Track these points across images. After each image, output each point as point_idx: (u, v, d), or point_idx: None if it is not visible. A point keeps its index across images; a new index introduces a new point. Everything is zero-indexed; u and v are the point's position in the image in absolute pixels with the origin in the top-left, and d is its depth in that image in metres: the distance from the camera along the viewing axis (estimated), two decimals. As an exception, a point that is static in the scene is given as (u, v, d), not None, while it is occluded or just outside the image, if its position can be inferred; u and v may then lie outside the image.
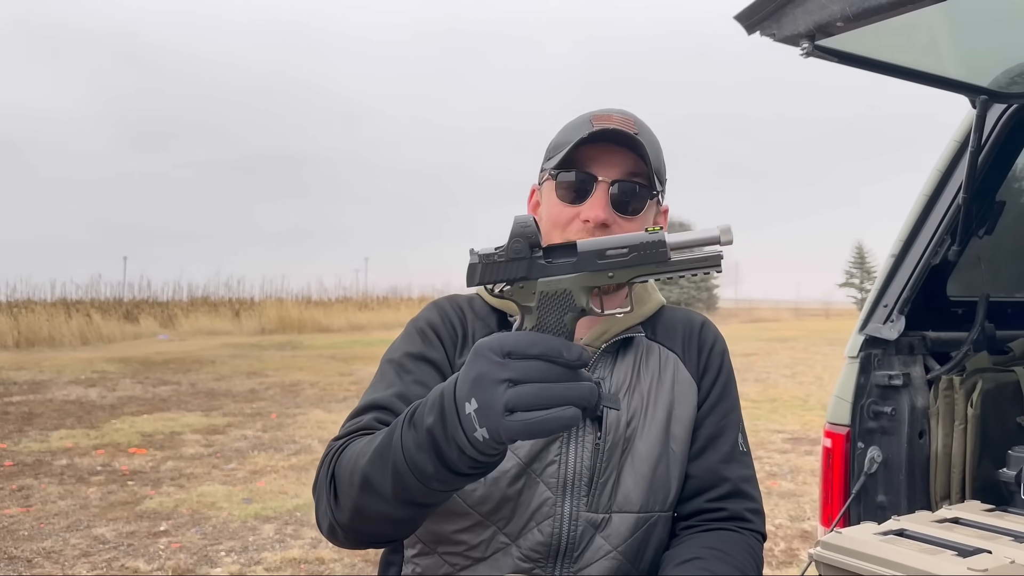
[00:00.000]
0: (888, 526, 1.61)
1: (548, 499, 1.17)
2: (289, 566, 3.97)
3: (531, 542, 1.16)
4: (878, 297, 2.19)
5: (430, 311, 1.29)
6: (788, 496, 5.33)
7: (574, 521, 1.17)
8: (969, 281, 2.44)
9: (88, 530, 4.48)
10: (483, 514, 1.17)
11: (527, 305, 0.87)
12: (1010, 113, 2.19)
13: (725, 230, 0.85)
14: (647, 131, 1.25)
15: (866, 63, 1.77)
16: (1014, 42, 1.84)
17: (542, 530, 1.16)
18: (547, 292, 0.86)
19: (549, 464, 1.18)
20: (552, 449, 1.19)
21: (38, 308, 18.79)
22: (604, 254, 0.87)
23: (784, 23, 1.61)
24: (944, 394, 2.14)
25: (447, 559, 1.19)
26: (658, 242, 0.86)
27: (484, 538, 1.17)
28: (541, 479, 1.18)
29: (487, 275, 0.87)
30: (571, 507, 1.17)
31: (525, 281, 0.87)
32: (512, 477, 1.17)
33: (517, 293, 0.87)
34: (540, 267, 0.87)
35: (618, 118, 1.22)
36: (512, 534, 1.17)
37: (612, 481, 1.18)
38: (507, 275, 0.87)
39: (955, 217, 2.16)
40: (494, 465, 0.88)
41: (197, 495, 5.21)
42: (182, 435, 7.22)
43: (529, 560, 1.16)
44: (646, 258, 0.86)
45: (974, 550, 1.47)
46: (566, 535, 1.16)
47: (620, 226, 1.20)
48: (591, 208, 1.19)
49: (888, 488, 2.12)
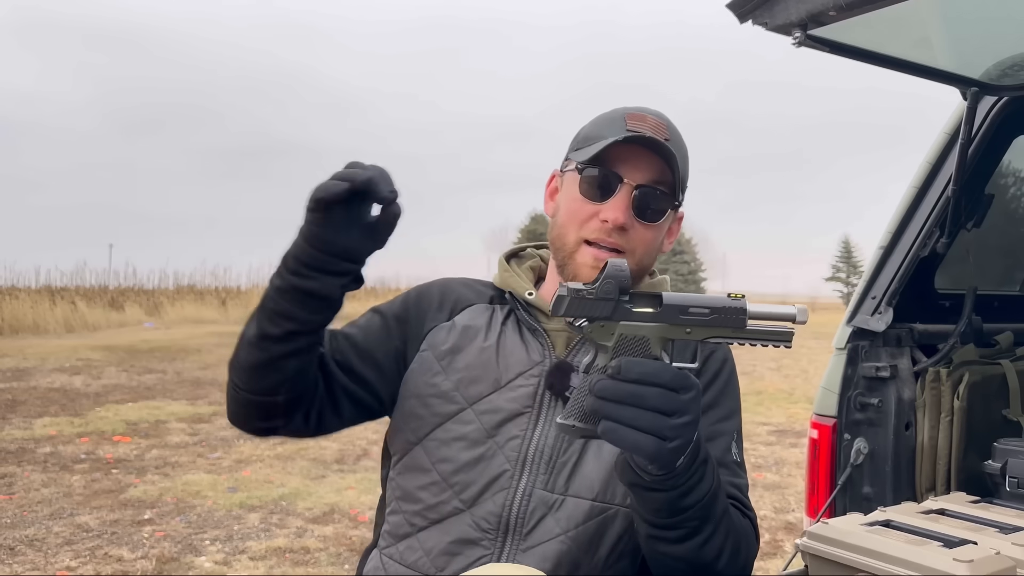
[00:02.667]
0: (874, 517, 1.61)
1: (506, 471, 1.18)
2: (274, 555, 3.96)
3: (483, 511, 1.18)
4: (866, 289, 2.19)
5: (424, 283, 1.36)
6: (773, 488, 5.36)
7: (527, 497, 1.17)
8: (957, 274, 2.44)
9: (71, 518, 4.45)
10: (442, 474, 1.20)
11: (603, 344, 0.93)
12: (1001, 106, 2.19)
13: (802, 311, 0.94)
14: (677, 137, 1.25)
15: (858, 53, 1.77)
16: (1006, 34, 1.84)
17: (495, 501, 1.17)
18: (626, 335, 0.92)
19: (512, 438, 1.20)
20: (519, 422, 1.20)
21: (22, 295, 18.61)
22: (687, 310, 0.93)
23: (776, 12, 1.60)
24: (931, 386, 2.15)
25: (408, 518, 1.22)
26: (739, 309, 0.93)
27: (441, 499, 1.20)
28: (502, 451, 1.19)
29: (573, 308, 0.92)
30: (527, 483, 1.18)
31: (607, 321, 0.92)
32: (472, 442, 1.20)
33: (596, 331, 0.93)
34: (624, 311, 0.93)
35: (652, 121, 1.22)
36: (467, 501, 1.19)
37: (572, 463, 1.18)
38: (592, 312, 0.92)
39: (944, 210, 2.16)
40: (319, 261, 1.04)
41: (182, 484, 5.18)
42: (167, 423, 7.19)
43: (479, 529, 1.17)
44: (725, 321, 0.93)
45: (960, 541, 1.47)
46: (517, 509, 1.17)
47: (636, 231, 1.21)
48: (612, 209, 1.19)
49: (874, 479, 2.13)
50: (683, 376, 0.91)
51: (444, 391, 1.23)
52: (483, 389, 1.22)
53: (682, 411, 0.91)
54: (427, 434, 1.22)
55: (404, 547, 1.22)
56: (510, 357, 1.24)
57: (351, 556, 3.96)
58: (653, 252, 1.26)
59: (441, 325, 1.28)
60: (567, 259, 1.23)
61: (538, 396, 1.21)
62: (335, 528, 4.38)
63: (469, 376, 1.23)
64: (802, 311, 0.94)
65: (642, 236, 1.22)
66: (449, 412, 1.22)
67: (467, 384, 1.22)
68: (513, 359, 1.23)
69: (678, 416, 0.90)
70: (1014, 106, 2.20)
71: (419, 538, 1.21)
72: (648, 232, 1.22)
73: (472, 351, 1.25)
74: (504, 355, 1.24)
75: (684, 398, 0.91)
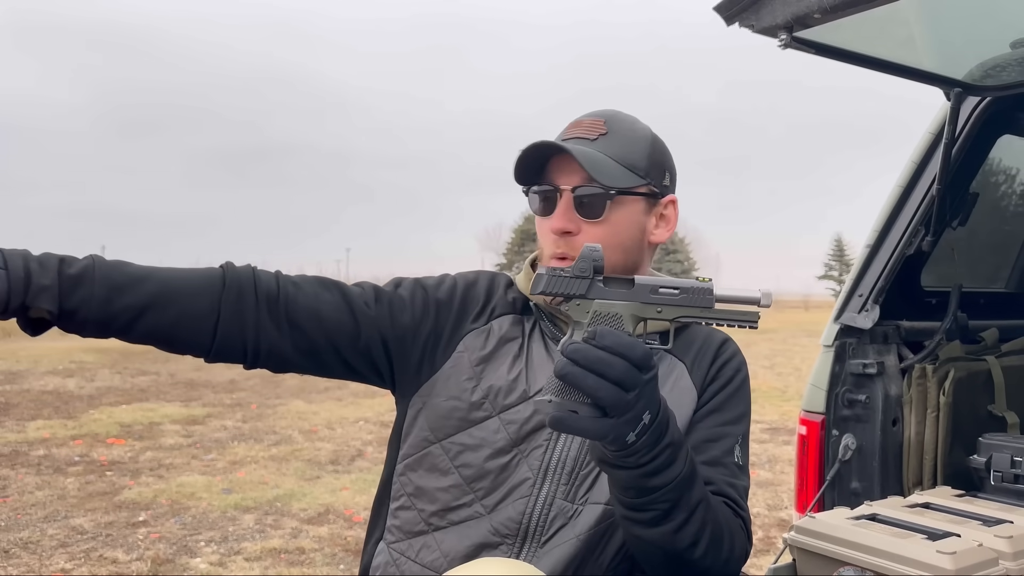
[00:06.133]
0: (861, 511, 1.63)
1: (528, 480, 1.20)
2: (269, 556, 3.97)
3: (502, 516, 1.19)
4: (853, 287, 2.22)
5: (471, 275, 1.35)
6: (766, 485, 5.39)
7: (547, 506, 1.19)
8: (943, 272, 2.47)
9: (66, 521, 4.45)
10: (465, 478, 1.21)
11: (579, 321, 0.98)
12: (984, 106, 2.22)
13: (766, 295, 1.00)
14: (623, 128, 1.25)
15: (843, 55, 1.79)
16: (989, 35, 1.86)
17: (515, 507, 1.19)
18: (600, 312, 0.98)
19: (536, 447, 1.21)
20: (543, 432, 1.22)
21: (14, 298, 18.53)
22: (657, 290, 1.00)
23: (763, 14, 1.62)
24: (917, 382, 2.17)
25: (423, 516, 1.23)
26: (706, 290, 0.99)
27: (463, 502, 1.21)
28: (527, 460, 1.21)
29: (550, 286, 0.99)
30: (548, 492, 1.20)
31: (582, 299, 0.99)
32: (498, 451, 1.21)
33: (573, 309, 0.99)
34: (598, 289, 0.99)
35: (587, 122, 1.25)
36: (489, 506, 1.20)
37: (593, 475, 1.20)
38: (568, 290, 0.99)
39: (929, 208, 2.19)
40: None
41: (176, 485, 5.18)
42: (161, 425, 7.18)
43: (499, 535, 1.19)
44: (693, 301, 0.99)
45: (943, 533, 1.50)
46: (537, 518, 1.19)
47: (586, 232, 1.21)
48: (553, 219, 1.22)
49: (862, 474, 2.15)
50: (650, 356, 0.94)
51: (474, 397, 1.23)
52: (512, 399, 1.23)
53: (637, 388, 0.93)
54: (449, 435, 1.23)
55: (419, 545, 1.23)
56: (537, 369, 1.25)
57: (346, 556, 3.98)
58: (622, 246, 1.23)
59: (481, 328, 1.28)
60: None
61: None
62: (330, 529, 4.39)
63: (499, 386, 1.23)
64: (766, 295, 1.00)
65: (595, 234, 1.21)
66: (476, 418, 1.23)
67: (496, 394, 1.23)
68: (540, 370, 1.24)
69: (632, 392, 0.93)
70: (997, 106, 2.23)
71: (435, 538, 1.22)
72: (596, 230, 1.21)
73: (505, 362, 1.25)
74: (532, 367, 1.25)
75: (644, 377, 0.94)
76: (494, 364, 1.25)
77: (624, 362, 0.92)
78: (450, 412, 1.24)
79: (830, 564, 1.49)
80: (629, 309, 0.98)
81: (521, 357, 1.26)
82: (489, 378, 1.24)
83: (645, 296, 0.99)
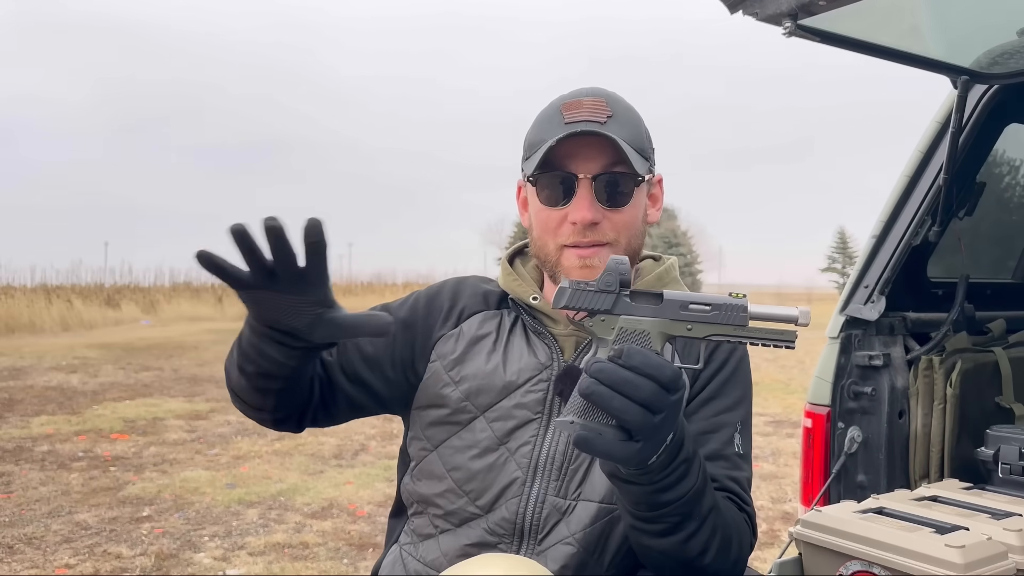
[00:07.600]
0: (867, 504, 1.61)
1: (518, 478, 1.19)
2: (273, 550, 3.96)
3: (497, 517, 1.18)
4: (859, 278, 2.20)
5: (435, 286, 1.35)
6: (769, 478, 5.38)
7: (540, 503, 1.18)
8: (949, 262, 2.45)
9: (70, 516, 4.45)
10: (456, 481, 1.21)
11: (603, 338, 0.92)
12: (991, 94, 2.20)
13: (804, 313, 0.92)
14: (623, 108, 1.21)
15: (848, 43, 1.77)
16: (996, 23, 1.84)
17: (508, 507, 1.18)
18: (627, 329, 0.92)
19: (523, 444, 1.20)
20: (530, 428, 1.20)
21: (18, 294, 18.58)
22: (687, 306, 0.93)
23: (766, 2, 1.60)
24: (924, 374, 2.15)
25: (432, 520, 1.24)
26: (741, 307, 0.92)
27: (458, 506, 1.21)
28: (514, 458, 1.19)
29: (574, 300, 0.92)
30: (539, 490, 1.18)
31: (607, 315, 0.92)
32: (484, 450, 1.20)
33: (597, 325, 0.93)
34: (625, 304, 0.92)
35: (588, 103, 1.18)
36: (483, 507, 1.19)
37: (583, 469, 1.18)
38: (593, 305, 0.92)
39: (936, 198, 2.16)
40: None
41: (180, 480, 5.19)
42: (165, 421, 7.18)
43: (495, 535, 1.18)
44: (726, 318, 0.92)
45: (952, 527, 1.48)
46: (531, 516, 1.17)
47: (610, 220, 1.18)
48: (576, 209, 1.17)
49: (868, 467, 2.14)
50: (679, 377, 0.90)
51: (455, 401, 1.23)
52: (493, 397, 1.21)
53: (664, 410, 0.89)
54: (441, 442, 1.23)
55: (424, 547, 1.23)
56: (518, 363, 1.23)
57: (350, 551, 3.97)
58: (637, 231, 1.23)
59: (449, 334, 1.27)
60: (554, 267, 1.22)
61: (547, 402, 1.21)
62: (333, 523, 4.38)
63: (478, 385, 1.22)
64: (804, 313, 0.93)
65: (618, 222, 1.19)
66: (461, 421, 1.22)
67: (476, 393, 1.22)
68: (521, 365, 1.22)
69: (659, 415, 0.88)
70: (1004, 94, 2.20)
71: (439, 540, 1.23)
72: (623, 216, 1.19)
73: (480, 360, 1.24)
74: (512, 361, 1.23)
75: (672, 399, 0.89)
76: (469, 364, 1.24)
77: (652, 383, 0.87)
78: (437, 419, 1.24)
79: (837, 559, 1.48)
80: (657, 326, 0.92)
81: (497, 351, 1.24)
82: (467, 379, 1.23)
83: (674, 312, 0.92)
